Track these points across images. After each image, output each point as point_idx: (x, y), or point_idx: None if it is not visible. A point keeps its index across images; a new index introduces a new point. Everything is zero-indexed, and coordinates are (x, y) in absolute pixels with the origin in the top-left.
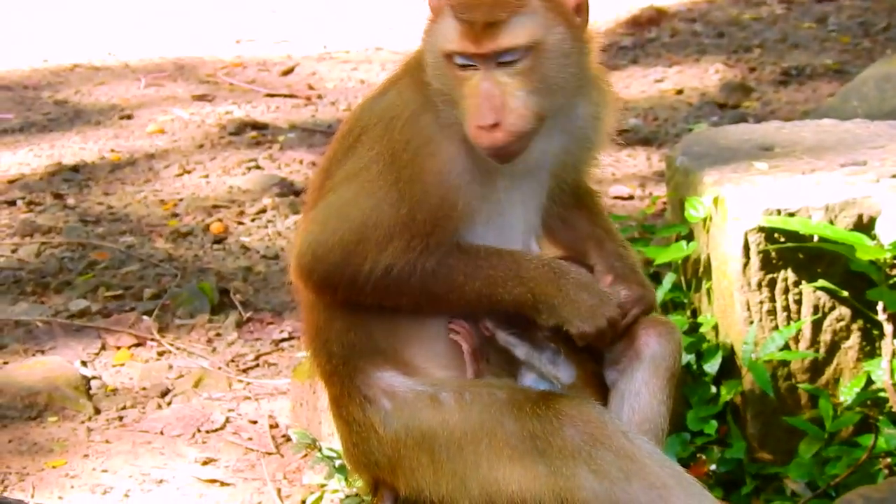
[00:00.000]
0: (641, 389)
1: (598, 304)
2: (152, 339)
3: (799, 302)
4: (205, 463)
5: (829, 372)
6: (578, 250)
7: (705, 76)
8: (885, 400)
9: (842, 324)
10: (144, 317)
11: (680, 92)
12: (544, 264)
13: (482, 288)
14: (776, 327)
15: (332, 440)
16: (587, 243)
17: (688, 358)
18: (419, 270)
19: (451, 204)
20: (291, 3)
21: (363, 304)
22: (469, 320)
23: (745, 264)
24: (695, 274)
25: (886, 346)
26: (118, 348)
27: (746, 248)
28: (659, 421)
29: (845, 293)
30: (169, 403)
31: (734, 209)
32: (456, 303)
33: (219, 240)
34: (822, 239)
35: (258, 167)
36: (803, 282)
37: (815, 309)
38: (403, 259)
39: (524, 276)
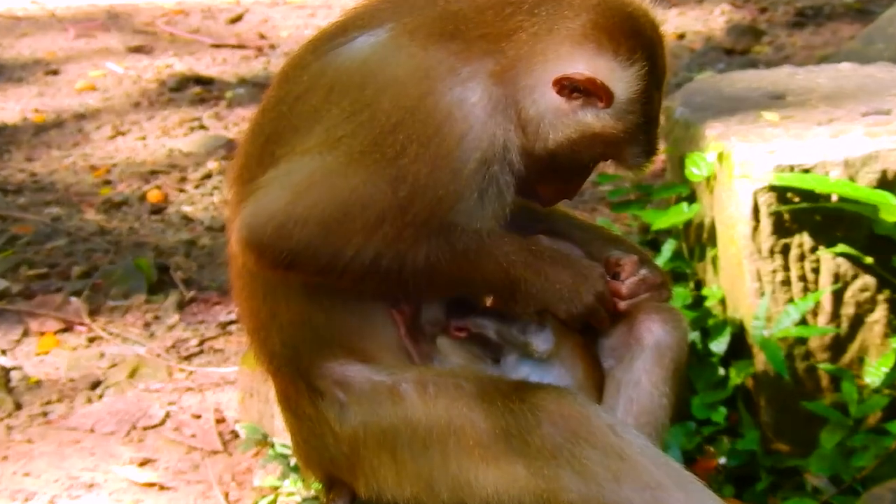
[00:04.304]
0: (641, 378)
1: (581, 280)
2: (81, 324)
3: (817, 270)
4: (141, 464)
5: (852, 350)
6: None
7: (710, 18)
8: None
9: (866, 294)
10: (72, 298)
11: (682, 36)
12: (521, 247)
13: (461, 276)
14: (791, 300)
15: (286, 436)
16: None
17: (692, 336)
18: (408, 262)
19: (458, 195)
20: None
21: (324, 286)
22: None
23: (755, 228)
24: (698, 240)
25: None
26: (42, 334)
27: (756, 210)
28: (659, 414)
29: (869, 259)
30: (100, 396)
31: (741, 166)
32: (432, 291)
33: (157, 210)
34: (841, 198)
35: (202, 127)
36: (821, 247)
37: (836, 278)
38: (393, 249)
39: (501, 260)
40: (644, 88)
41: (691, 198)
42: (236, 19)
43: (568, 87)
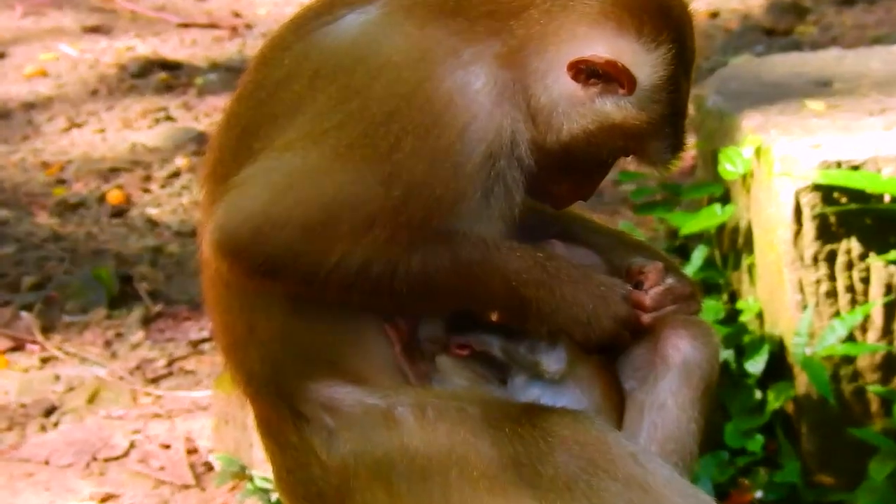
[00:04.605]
0: (667, 401)
1: (601, 304)
2: (33, 342)
3: (866, 280)
4: (103, 500)
5: None
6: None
7: None
8: None
9: None
10: (23, 312)
11: (715, 15)
12: (535, 262)
13: (463, 290)
14: (837, 313)
15: (266, 467)
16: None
17: (725, 355)
18: (401, 271)
19: (460, 194)
20: None
21: (307, 298)
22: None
23: (797, 233)
24: (732, 247)
25: None
26: None
27: (798, 211)
28: (687, 441)
29: None
30: (56, 424)
31: (782, 162)
32: (429, 304)
33: (118, 212)
34: (895, 199)
35: (169, 118)
36: (872, 254)
37: (888, 289)
38: (384, 255)
39: (511, 277)
40: (671, 74)
41: (725, 198)
42: None
43: (585, 72)
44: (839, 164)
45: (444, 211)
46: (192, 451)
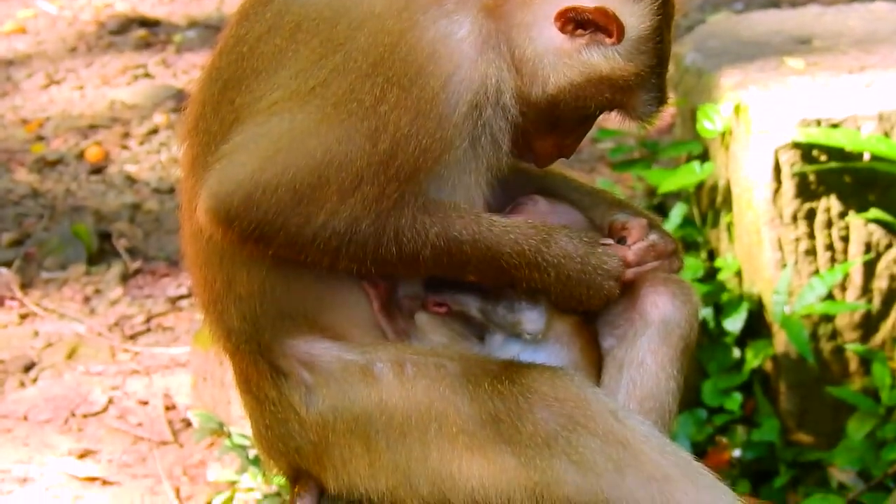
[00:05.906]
0: (646, 359)
1: (594, 288)
2: (12, 298)
3: (846, 239)
4: (81, 456)
5: (885, 329)
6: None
7: None
8: None
9: None
10: (2, 269)
11: None
12: (530, 245)
13: (453, 263)
14: (816, 272)
15: (244, 424)
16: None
17: (703, 312)
18: (390, 228)
19: (446, 144)
20: None
21: (297, 262)
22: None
23: (776, 191)
24: (711, 205)
25: None
26: None
27: (777, 170)
28: (666, 399)
29: None
30: (34, 380)
31: (761, 120)
32: (415, 272)
33: (97, 169)
34: (874, 157)
35: (147, 75)
36: (851, 212)
37: (867, 247)
38: (373, 211)
39: (503, 259)
40: (657, 24)
41: (704, 156)
42: None
43: (573, 21)
44: (818, 122)
45: (431, 162)
46: (170, 408)
